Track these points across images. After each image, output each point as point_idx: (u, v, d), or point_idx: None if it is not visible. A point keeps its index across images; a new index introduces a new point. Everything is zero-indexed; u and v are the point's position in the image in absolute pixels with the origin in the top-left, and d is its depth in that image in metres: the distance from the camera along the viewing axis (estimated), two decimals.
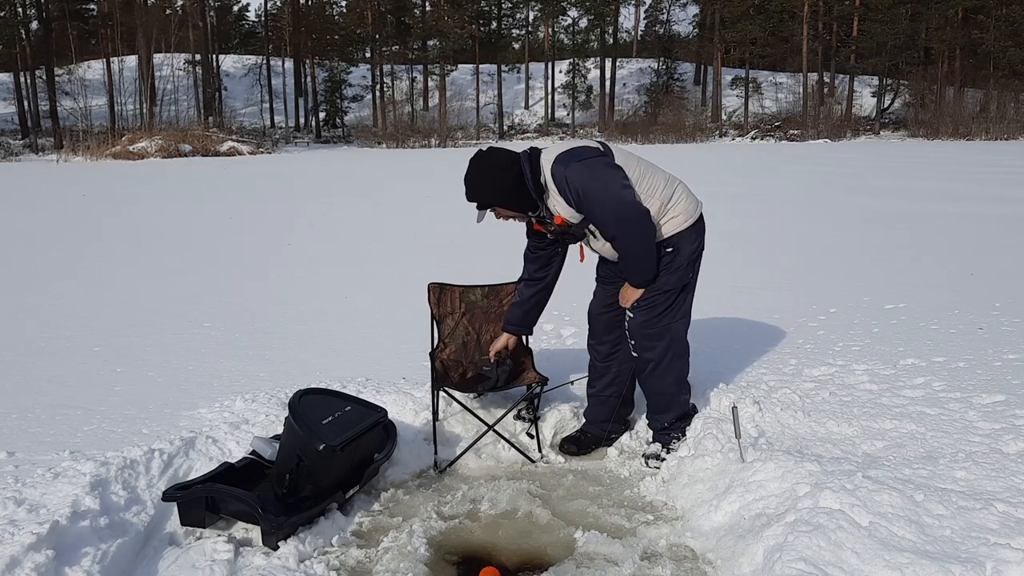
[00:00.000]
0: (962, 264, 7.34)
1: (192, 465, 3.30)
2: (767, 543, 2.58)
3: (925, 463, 2.99)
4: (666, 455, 3.51)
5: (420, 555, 2.82)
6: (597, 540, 2.87)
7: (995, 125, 36.07)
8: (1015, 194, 13.18)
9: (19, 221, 12.18)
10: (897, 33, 39.81)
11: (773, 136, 39.35)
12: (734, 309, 5.75)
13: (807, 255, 8.15)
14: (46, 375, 4.53)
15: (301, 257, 8.64)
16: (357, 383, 4.15)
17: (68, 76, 38.95)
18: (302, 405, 3.10)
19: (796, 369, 4.35)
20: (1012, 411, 3.56)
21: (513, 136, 41.96)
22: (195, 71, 42.38)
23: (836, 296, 6.05)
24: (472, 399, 3.94)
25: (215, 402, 4.01)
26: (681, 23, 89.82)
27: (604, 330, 3.69)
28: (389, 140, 37.55)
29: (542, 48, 47.98)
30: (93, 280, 7.43)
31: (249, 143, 33.49)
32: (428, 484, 3.44)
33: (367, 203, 14.14)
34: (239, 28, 58.06)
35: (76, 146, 31.23)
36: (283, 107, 45.48)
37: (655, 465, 3.49)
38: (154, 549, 2.83)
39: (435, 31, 42.95)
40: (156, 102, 37.46)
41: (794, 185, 16.15)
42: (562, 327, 5.34)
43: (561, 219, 3.31)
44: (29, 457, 3.32)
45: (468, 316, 4.05)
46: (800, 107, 41.68)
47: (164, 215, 12.54)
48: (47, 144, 34.22)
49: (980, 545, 2.38)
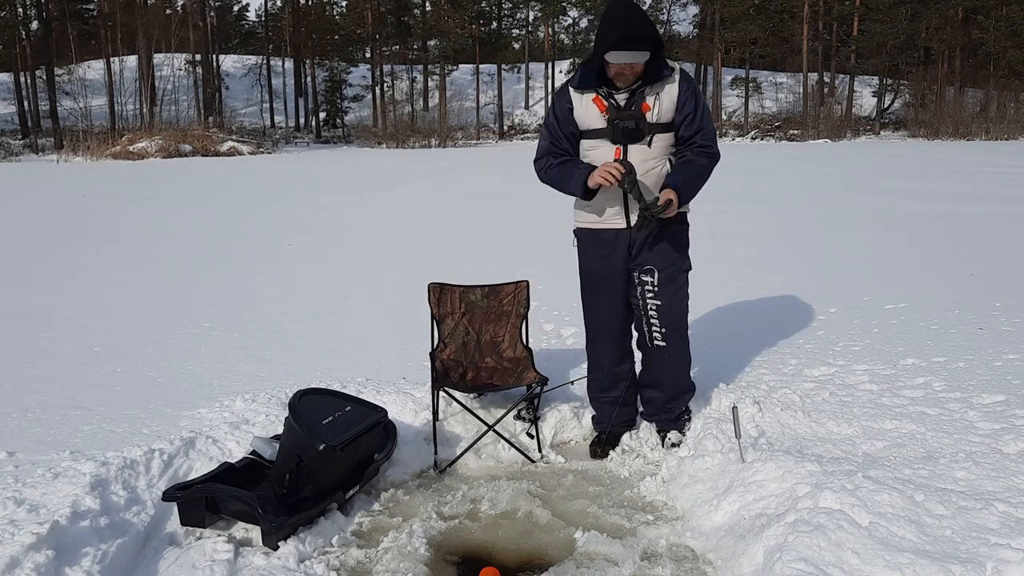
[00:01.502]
0: (962, 264, 7.33)
1: (192, 465, 3.30)
2: (767, 543, 2.58)
3: (925, 463, 2.99)
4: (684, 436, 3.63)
5: (420, 555, 2.82)
6: (597, 540, 2.86)
7: (995, 125, 36.06)
8: (1015, 194, 13.18)
9: (19, 221, 12.18)
10: (897, 33, 39.80)
11: (773, 136, 39.34)
12: (733, 309, 5.75)
13: (807, 255, 8.14)
14: (46, 375, 4.53)
15: (301, 257, 8.64)
16: (357, 383, 4.15)
17: (68, 76, 38.92)
18: (302, 405, 3.10)
19: (796, 369, 4.35)
20: (1012, 411, 3.56)
21: (513, 136, 41.94)
22: (195, 71, 42.38)
23: (836, 296, 6.05)
24: (472, 399, 3.95)
25: (215, 402, 4.01)
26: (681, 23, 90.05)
27: (621, 333, 3.69)
28: (389, 140, 37.53)
29: (542, 48, 47.97)
30: (93, 280, 7.43)
31: (249, 143, 33.47)
32: (428, 484, 3.43)
33: (367, 203, 14.14)
34: (239, 28, 58.04)
35: (76, 146, 31.21)
36: (283, 107, 45.48)
37: (677, 449, 3.56)
38: (154, 549, 2.83)
39: (435, 31, 42.94)
40: (156, 102, 37.46)
41: (794, 185, 16.15)
42: (562, 327, 5.34)
43: (648, 107, 3.29)
44: (29, 457, 3.33)
45: (468, 316, 4.05)
46: (800, 107, 41.67)
47: (164, 215, 12.54)
48: (47, 144, 34.20)
49: (980, 545, 2.38)
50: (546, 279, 6.34)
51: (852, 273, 7.02)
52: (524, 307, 4.05)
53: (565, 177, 3.42)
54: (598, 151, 3.39)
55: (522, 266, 7.13)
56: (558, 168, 3.44)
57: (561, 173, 3.43)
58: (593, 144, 3.41)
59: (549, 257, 8.21)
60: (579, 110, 3.40)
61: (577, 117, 3.41)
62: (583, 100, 3.39)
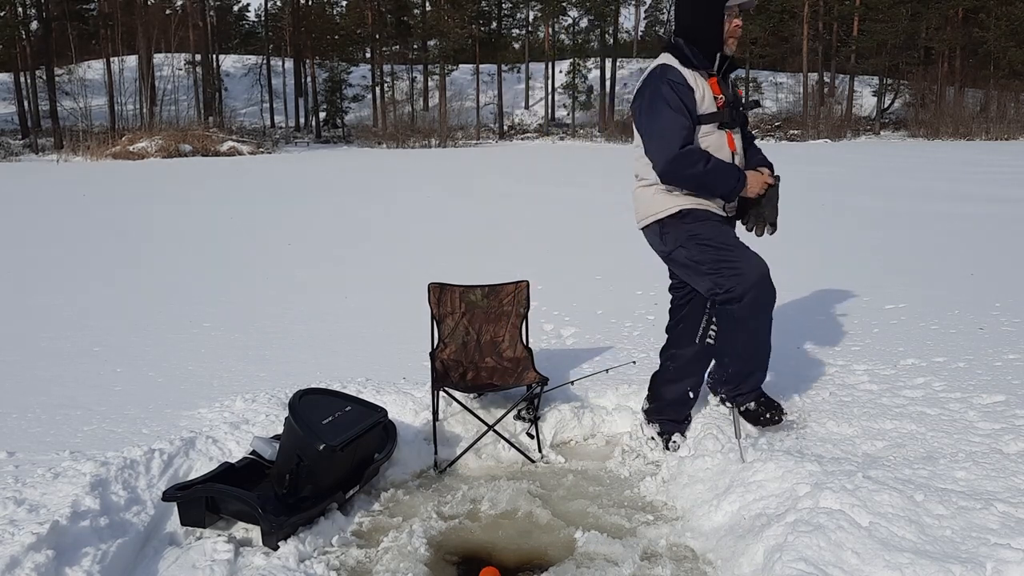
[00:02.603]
0: (962, 264, 7.33)
1: (192, 465, 3.31)
2: (767, 543, 2.58)
3: (925, 463, 2.99)
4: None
5: (420, 555, 2.82)
6: (597, 540, 2.87)
7: (995, 125, 36.03)
8: (1015, 194, 13.17)
9: (19, 221, 12.18)
10: (897, 33, 39.76)
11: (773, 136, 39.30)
12: None
13: (807, 255, 8.14)
14: (46, 375, 4.53)
15: (301, 257, 8.64)
16: (357, 383, 4.15)
17: (68, 76, 38.90)
18: (302, 405, 3.10)
19: (796, 369, 4.35)
20: (1012, 411, 3.56)
21: (513, 136, 41.93)
22: (195, 71, 42.36)
23: (836, 296, 6.05)
24: (472, 399, 3.95)
25: (215, 402, 4.01)
26: None
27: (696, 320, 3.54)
28: (389, 140, 37.51)
29: (542, 48, 47.96)
30: (93, 280, 7.43)
31: (249, 143, 33.43)
32: (428, 484, 3.44)
33: (367, 203, 14.14)
34: (239, 28, 58.01)
35: (76, 146, 31.18)
36: (283, 107, 45.45)
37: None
38: (154, 549, 2.83)
39: (435, 31, 42.93)
40: (156, 102, 37.44)
41: (794, 185, 16.12)
42: (562, 327, 5.34)
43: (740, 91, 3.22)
44: (29, 457, 3.33)
45: (468, 316, 4.05)
46: (800, 107, 41.66)
47: (164, 215, 12.54)
48: (47, 144, 34.18)
49: (980, 545, 2.38)
50: (546, 279, 6.35)
51: (852, 273, 7.02)
52: (524, 307, 4.06)
53: (722, 178, 3.18)
54: (711, 137, 3.21)
55: (522, 266, 7.13)
56: (713, 166, 3.16)
57: (718, 173, 3.17)
58: (708, 130, 3.21)
59: (549, 257, 8.22)
60: (698, 92, 3.18)
61: (697, 100, 3.17)
62: (699, 82, 3.18)
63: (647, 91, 3.22)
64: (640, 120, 3.26)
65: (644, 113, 3.22)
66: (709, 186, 3.21)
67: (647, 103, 3.20)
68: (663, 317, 3.78)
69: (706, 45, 3.17)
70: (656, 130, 3.17)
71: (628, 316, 5.59)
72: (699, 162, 3.13)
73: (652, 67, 3.26)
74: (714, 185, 3.20)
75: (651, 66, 3.29)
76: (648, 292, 6.16)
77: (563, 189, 15.47)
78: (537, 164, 23.70)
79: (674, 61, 3.19)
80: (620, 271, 7.14)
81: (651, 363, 4.54)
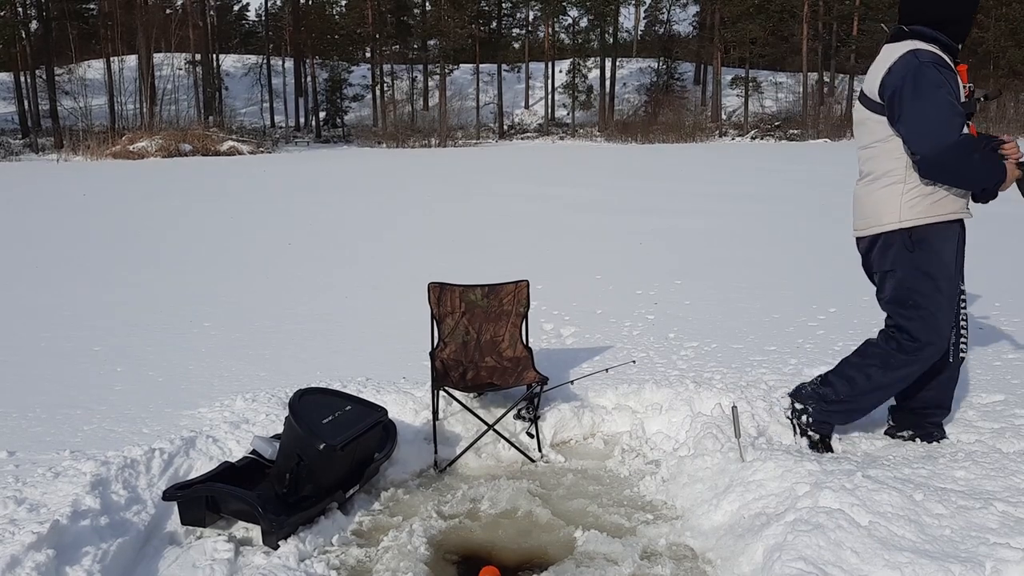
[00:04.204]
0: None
1: (192, 464, 3.31)
2: (767, 542, 2.59)
3: (925, 462, 2.99)
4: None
5: (420, 554, 2.82)
6: (597, 539, 2.87)
7: (995, 125, 36.01)
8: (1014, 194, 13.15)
9: (19, 221, 12.18)
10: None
11: (773, 136, 39.31)
12: (734, 309, 5.75)
13: (807, 254, 8.14)
14: (46, 375, 4.54)
15: (301, 257, 8.64)
16: (357, 383, 4.16)
17: (68, 76, 38.92)
18: (302, 405, 3.11)
19: (796, 369, 4.35)
20: (1012, 411, 3.56)
21: (513, 136, 41.94)
22: (195, 71, 42.35)
23: (836, 296, 6.05)
24: (472, 399, 3.95)
25: (215, 402, 4.02)
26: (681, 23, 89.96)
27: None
28: (389, 140, 37.51)
29: (542, 48, 47.95)
30: (93, 280, 7.43)
31: (249, 143, 33.43)
32: (428, 483, 3.44)
33: (368, 203, 14.14)
34: (239, 28, 58.02)
35: (76, 146, 31.17)
36: (283, 107, 45.47)
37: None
38: (154, 548, 2.84)
39: (435, 31, 42.93)
40: (156, 102, 37.43)
41: (794, 185, 16.14)
42: (562, 327, 5.34)
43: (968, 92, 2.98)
44: (29, 456, 3.33)
45: (468, 316, 4.06)
46: (800, 107, 41.67)
47: (164, 215, 12.54)
48: (47, 144, 34.18)
49: (979, 544, 2.38)
50: (546, 279, 6.35)
51: (852, 273, 7.00)
52: (524, 307, 4.06)
53: (991, 171, 2.94)
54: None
55: (522, 266, 7.14)
56: (984, 156, 2.93)
57: (990, 164, 2.93)
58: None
59: (549, 257, 8.22)
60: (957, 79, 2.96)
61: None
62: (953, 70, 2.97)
63: (908, 75, 2.90)
64: (903, 107, 2.91)
65: (910, 98, 2.89)
66: (981, 180, 2.96)
67: (911, 87, 2.89)
68: (663, 317, 3.78)
69: (957, 28, 2.99)
70: (931, 114, 2.86)
71: (628, 316, 5.59)
72: (975, 152, 2.88)
73: (903, 53, 2.96)
74: (985, 178, 2.95)
75: (897, 53, 2.98)
76: (648, 292, 6.17)
77: (563, 189, 15.46)
78: (537, 164, 23.70)
79: (927, 46, 2.95)
80: (620, 270, 7.15)
81: (651, 362, 4.56)
